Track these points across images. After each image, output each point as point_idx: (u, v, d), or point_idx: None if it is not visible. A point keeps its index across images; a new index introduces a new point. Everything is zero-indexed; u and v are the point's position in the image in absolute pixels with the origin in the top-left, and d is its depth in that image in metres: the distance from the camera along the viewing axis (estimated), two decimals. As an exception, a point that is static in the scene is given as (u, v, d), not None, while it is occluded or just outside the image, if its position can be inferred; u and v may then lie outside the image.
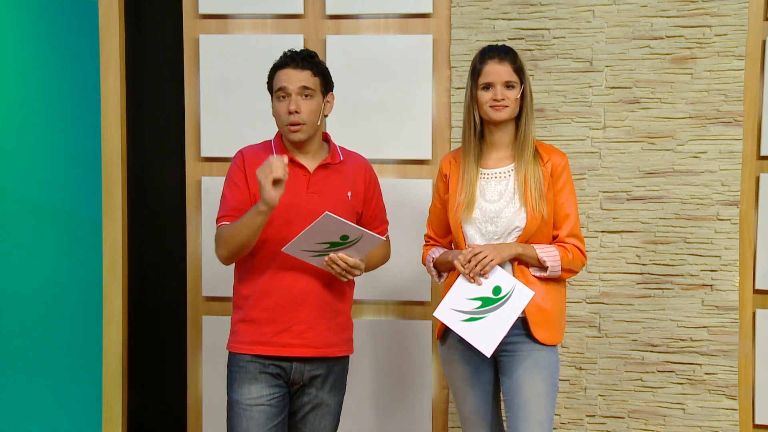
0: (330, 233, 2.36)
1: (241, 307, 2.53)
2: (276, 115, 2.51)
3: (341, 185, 2.55)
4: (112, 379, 3.47)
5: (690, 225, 3.19)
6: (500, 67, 2.47)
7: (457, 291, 2.47)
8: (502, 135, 2.53)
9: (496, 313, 2.42)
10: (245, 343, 2.50)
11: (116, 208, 3.45)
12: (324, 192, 2.51)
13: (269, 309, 2.48)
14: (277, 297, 2.47)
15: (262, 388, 2.47)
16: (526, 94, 2.51)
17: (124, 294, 3.48)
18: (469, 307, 2.45)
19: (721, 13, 3.13)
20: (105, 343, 3.47)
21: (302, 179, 2.50)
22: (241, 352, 2.51)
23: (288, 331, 2.47)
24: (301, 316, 2.48)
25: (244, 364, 2.49)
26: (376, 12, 3.32)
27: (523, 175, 2.48)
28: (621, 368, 3.24)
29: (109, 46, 3.42)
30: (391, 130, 3.31)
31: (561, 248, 2.49)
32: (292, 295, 2.47)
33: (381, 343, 3.36)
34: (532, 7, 3.23)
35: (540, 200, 2.46)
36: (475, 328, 2.43)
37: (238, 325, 2.53)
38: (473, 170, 2.51)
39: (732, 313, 3.18)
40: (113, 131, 3.44)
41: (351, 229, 2.37)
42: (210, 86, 3.36)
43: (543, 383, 2.45)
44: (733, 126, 3.16)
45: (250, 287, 2.51)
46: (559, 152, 2.55)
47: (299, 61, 2.47)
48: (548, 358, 2.48)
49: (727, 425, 3.19)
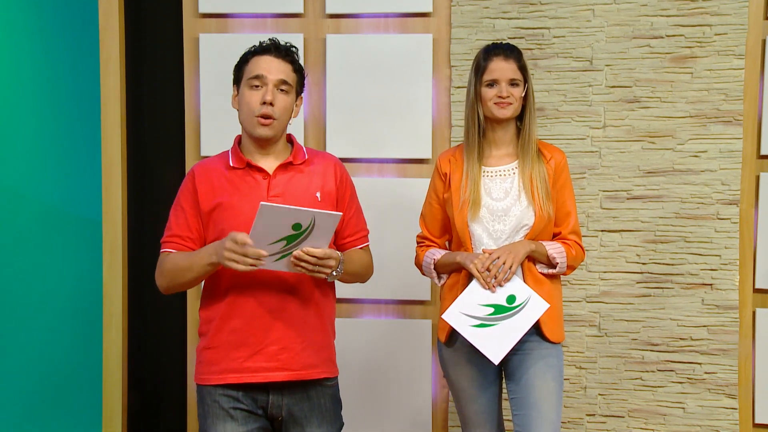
0: (278, 227, 2.08)
1: (205, 333, 2.27)
2: (244, 104, 2.24)
3: (307, 186, 2.28)
4: (112, 379, 3.46)
5: (690, 224, 3.19)
6: (506, 64, 2.46)
7: (469, 296, 2.42)
8: (504, 133, 2.52)
9: (507, 322, 2.39)
10: (214, 373, 2.23)
11: (116, 207, 3.45)
12: (287, 194, 2.25)
13: (237, 330, 2.22)
14: (246, 316, 2.22)
15: (237, 426, 2.22)
16: (529, 93, 2.50)
17: (124, 294, 3.48)
18: (480, 313, 2.41)
19: (721, 12, 3.14)
20: (105, 343, 3.47)
21: (261, 184, 2.25)
22: (210, 383, 2.24)
23: (260, 354, 2.21)
24: (274, 336, 2.22)
25: (217, 398, 2.23)
26: (376, 11, 3.32)
27: (529, 173, 2.47)
28: (621, 367, 3.24)
29: (109, 45, 3.42)
30: (391, 129, 3.31)
31: (565, 245, 2.49)
32: (261, 312, 2.21)
33: (381, 343, 3.36)
34: (532, 6, 3.23)
35: (547, 199, 2.46)
36: (484, 335, 2.39)
37: (204, 354, 2.26)
38: (476, 168, 2.50)
39: (732, 312, 3.18)
40: (113, 131, 3.44)
41: (298, 214, 2.08)
42: (210, 85, 3.36)
43: (553, 382, 2.45)
44: (733, 125, 3.16)
45: (214, 309, 2.26)
46: (560, 150, 2.56)
47: (283, 52, 2.26)
48: (557, 356, 2.48)
49: (726, 424, 3.19)
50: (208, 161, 2.34)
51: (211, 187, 2.26)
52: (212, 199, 2.26)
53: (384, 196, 3.30)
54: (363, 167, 3.35)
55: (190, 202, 2.28)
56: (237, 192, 2.25)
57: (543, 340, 2.47)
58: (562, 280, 3.20)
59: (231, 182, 2.26)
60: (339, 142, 3.34)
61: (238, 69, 2.30)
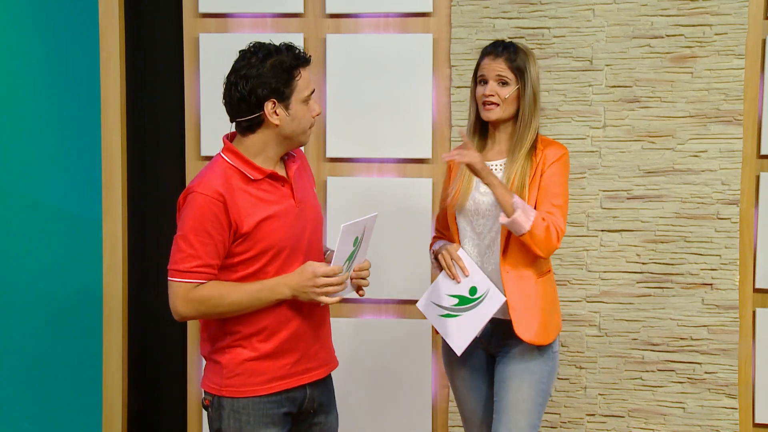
0: (348, 244, 2.15)
1: (245, 346, 2.21)
2: (304, 119, 2.22)
3: (307, 180, 2.36)
4: (112, 379, 3.46)
5: (690, 224, 3.19)
6: (494, 62, 2.44)
7: (438, 285, 2.50)
8: (501, 133, 2.51)
9: (469, 314, 2.44)
10: (259, 384, 2.21)
11: (116, 207, 3.45)
12: (305, 197, 2.29)
13: (289, 339, 2.23)
14: (294, 324, 2.23)
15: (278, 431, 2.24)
16: (525, 94, 2.45)
17: (124, 294, 3.48)
18: (447, 303, 2.48)
19: (721, 11, 3.13)
20: (105, 343, 3.47)
21: (286, 192, 2.25)
22: (255, 395, 2.21)
23: (305, 356, 2.26)
24: (315, 337, 2.29)
25: (260, 407, 2.21)
26: (376, 11, 3.32)
27: (513, 170, 2.44)
28: (621, 367, 3.24)
29: (109, 45, 3.42)
30: (391, 129, 3.31)
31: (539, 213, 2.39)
32: (303, 316, 2.24)
33: (381, 343, 3.35)
34: (533, 6, 3.23)
35: (521, 190, 2.41)
36: (449, 325, 2.47)
37: (246, 366, 2.21)
38: None
39: (732, 312, 3.18)
40: (113, 130, 3.44)
41: (363, 224, 2.18)
42: (210, 85, 3.36)
43: (529, 389, 2.42)
44: (733, 125, 3.16)
45: (261, 321, 2.21)
46: (558, 145, 2.50)
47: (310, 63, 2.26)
48: (541, 361, 2.45)
49: (727, 424, 3.19)
50: (216, 184, 2.16)
51: (244, 207, 2.17)
52: (252, 218, 2.17)
53: (384, 196, 3.30)
54: (363, 167, 3.35)
55: (220, 229, 2.15)
56: (272, 204, 2.21)
57: (525, 343, 2.44)
58: (562, 281, 3.23)
59: (258, 197, 2.20)
60: (339, 142, 3.34)
61: (285, 85, 2.18)
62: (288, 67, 2.17)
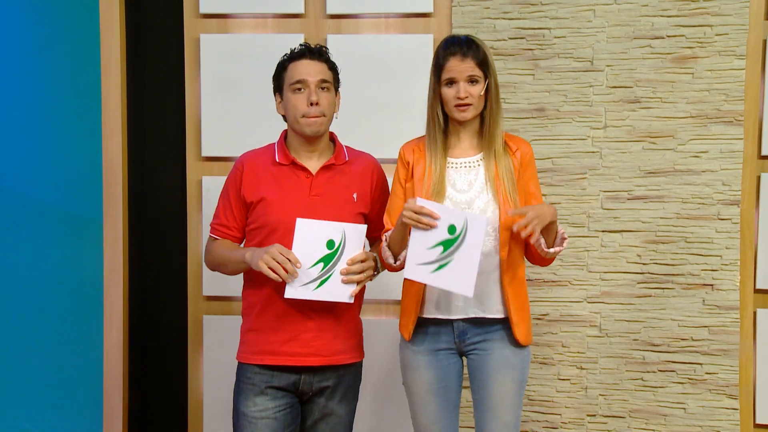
0: (315, 242, 2.31)
1: (249, 315, 2.50)
2: (291, 107, 2.42)
3: (346, 186, 2.48)
4: (113, 380, 3.46)
5: (691, 224, 3.19)
6: (463, 64, 2.37)
7: (415, 245, 2.32)
8: (467, 130, 2.46)
9: (459, 252, 2.29)
10: (253, 353, 2.46)
11: (117, 207, 3.45)
12: (327, 194, 2.44)
13: (276, 317, 2.43)
14: (284, 305, 2.41)
15: (267, 400, 2.43)
16: (491, 88, 2.40)
17: (124, 294, 3.48)
18: (433, 256, 2.30)
19: (721, 12, 3.13)
20: (105, 343, 3.47)
21: (305, 182, 2.44)
22: (249, 362, 2.46)
23: (295, 340, 2.42)
24: (310, 324, 2.43)
25: (251, 376, 2.45)
26: (376, 11, 3.32)
27: (494, 166, 2.41)
28: (622, 368, 3.24)
29: (109, 45, 3.42)
30: (391, 129, 3.31)
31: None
32: (299, 303, 2.41)
33: (381, 343, 3.35)
34: (533, 6, 3.23)
35: (513, 191, 2.39)
36: (446, 275, 2.30)
37: (247, 335, 2.50)
38: (441, 159, 2.43)
39: (733, 312, 3.18)
40: (114, 131, 3.44)
41: (331, 228, 2.32)
42: (211, 86, 3.36)
43: (513, 383, 2.41)
44: (733, 125, 3.16)
45: (257, 295, 2.47)
46: (526, 142, 2.49)
47: (316, 54, 2.45)
48: (520, 358, 2.44)
49: (727, 425, 3.19)
50: (255, 153, 2.51)
51: (256, 180, 2.45)
52: (257, 193, 2.44)
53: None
54: (363, 167, 3.35)
55: (235, 193, 2.47)
56: (281, 189, 2.43)
57: (508, 341, 2.42)
58: (562, 281, 3.23)
59: (276, 178, 2.44)
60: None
61: (277, 77, 2.48)
62: (283, 60, 2.46)
